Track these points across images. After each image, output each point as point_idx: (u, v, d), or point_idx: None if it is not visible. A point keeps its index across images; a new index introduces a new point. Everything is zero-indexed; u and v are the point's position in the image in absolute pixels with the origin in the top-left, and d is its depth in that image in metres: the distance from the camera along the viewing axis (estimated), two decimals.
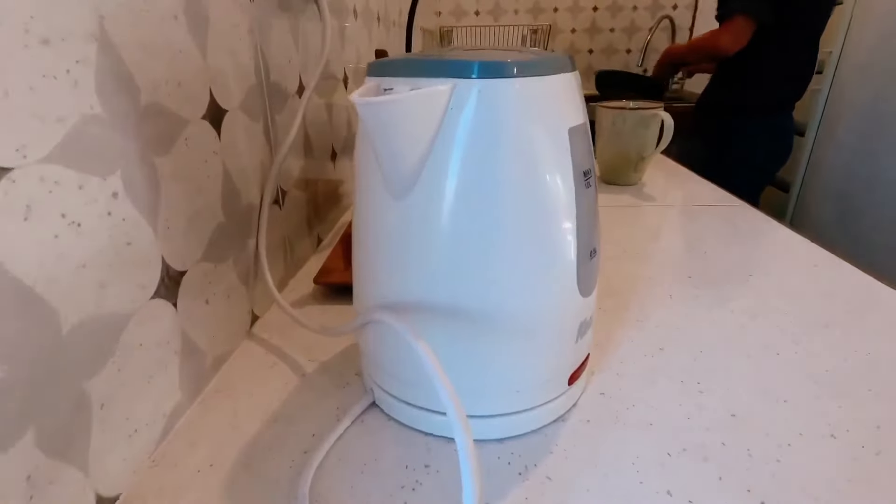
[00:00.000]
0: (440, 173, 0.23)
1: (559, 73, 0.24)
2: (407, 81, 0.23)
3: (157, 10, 0.26)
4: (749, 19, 1.15)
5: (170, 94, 0.28)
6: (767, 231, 0.56)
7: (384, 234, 0.25)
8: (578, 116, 0.25)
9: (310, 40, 0.50)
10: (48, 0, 0.20)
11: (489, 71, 0.22)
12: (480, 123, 0.22)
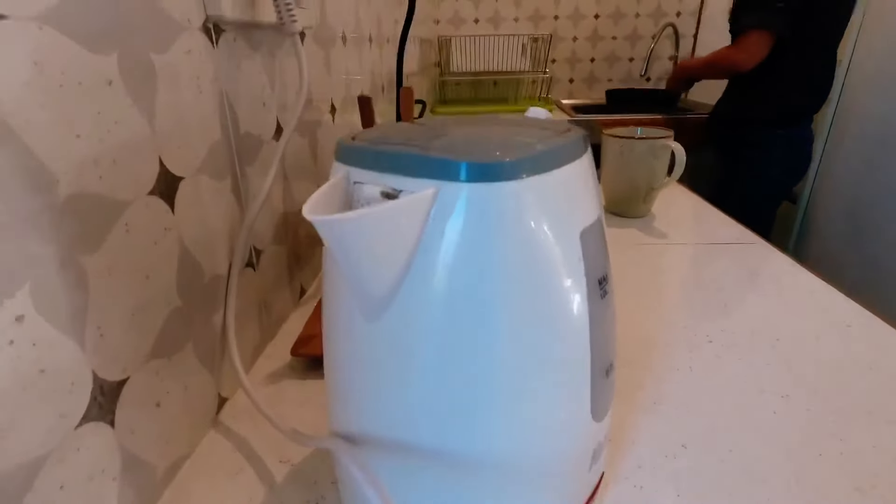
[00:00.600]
0: (420, 293, 0.18)
1: (570, 162, 0.19)
2: (380, 178, 0.19)
3: (79, 79, 0.22)
4: (765, 34, 1.12)
5: (102, 177, 0.23)
6: (790, 276, 0.52)
7: (355, 358, 0.21)
8: (592, 211, 0.20)
9: (289, 77, 0.45)
10: None
11: (480, 172, 0.17)
12: (470, 235, 0.18)
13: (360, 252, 0.17)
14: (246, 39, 0.37)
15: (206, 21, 0.32)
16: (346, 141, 0.20)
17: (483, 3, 2.01)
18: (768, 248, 0.59)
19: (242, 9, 0.34)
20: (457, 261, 0.18)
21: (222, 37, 0.34)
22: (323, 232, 0.17)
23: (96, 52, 0.23)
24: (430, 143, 0.19)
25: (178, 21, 0.29)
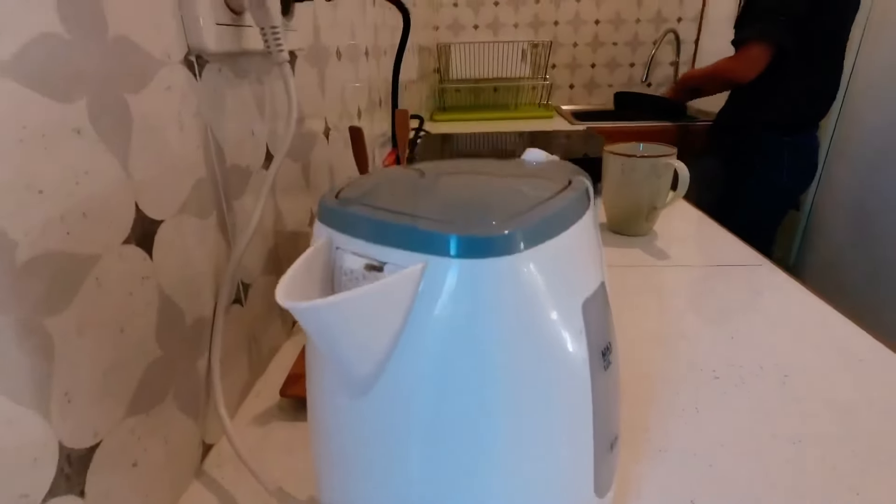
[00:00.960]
0: (408, 371, 0.17)
1: (571, 225, 0.18)
2: (364, 246, 0.17)
3: (42, 131, 0.20)
4: (765, 46, 1.11)
5: (69, 233, 0.22)
6: (798, 304, 0.50)
7: (340, 434, 0.19)
8: (595, 276, 0.19)
9: (279, 102, 0.44)
10: None
11: (472, 247, 0.16)
12: (462, 313, 0.16)
13: (342, 336, 0.15)
14: (232, 69, 0.36)
15: (187, 54, 0.30)
16: (328, 201, 0.19)
17: (482, 9, 2.00)
18: (775, 271, 0.57)
19: (228, 39, 0.33)
20: (447, 339, 0.16)
21: (206, 68, 0.32)
22: (300, 318, 0.15)
23: (62, 100, 0.21)
24: (418, 206, 0.18)
25: (156, 57, 0.27)
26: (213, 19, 0.31)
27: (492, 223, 0.16)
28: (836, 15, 1.16)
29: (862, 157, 1.60)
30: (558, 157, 0.28)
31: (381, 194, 0.19)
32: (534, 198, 0.18)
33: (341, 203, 0.18)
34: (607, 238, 0.68)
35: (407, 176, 0.21)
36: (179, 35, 0.29)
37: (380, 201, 0.18)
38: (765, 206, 1.32)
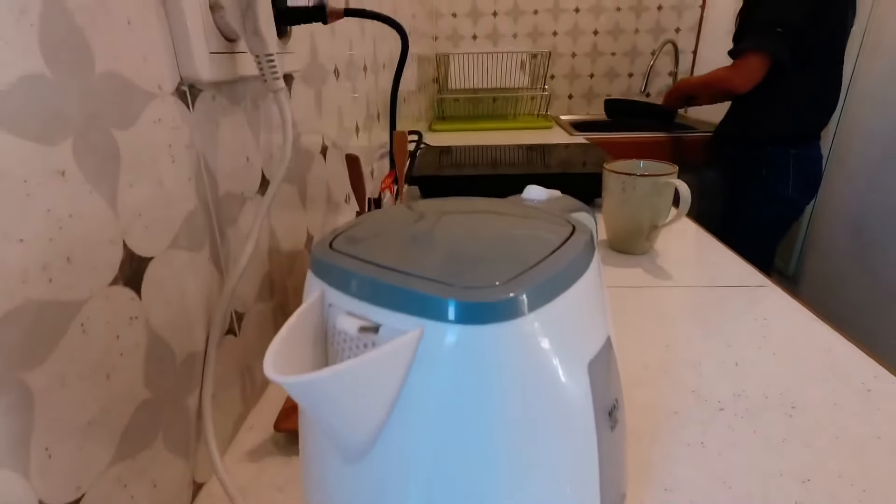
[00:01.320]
0: (405, 438, 0.16)
1: (575, 281, 0.17)
2: (358, 305, 0.16)
3: (23, 176, 0.19)
4: (763, 57, 1.11)
5: (52, 280, 0.21)
6: (803, 329, 0.49)
7: (334, 498, 0.18)
8: (601, 333, 0.18)
9: (275, 125, 0.43)
10: None
11: (471, 313, 0.15)
12: (461, 379, 0.15)
13: (334, 407, 0.14)
14: (227, 95, 0.35)
15: (180, 84, 0.30)
16: (321, 253, 0.18)
17: (481, 20, 2.01)
18: (778, 293, 0.56)
19: (222, 67, 0.32)
20: (445, 406, 0.15)
21: (199, 97, 0.31)
22: (289, 392, 0.14)
23: (46, 143, 0.20)
24: (415, 260, 0.17)
25: (146, 90, 0.27)
26: (207, 48, 0.30)
27: (493, 284, 0.15)
28: (834, 26, 1.17)
29: (861, 166, 1.60)
30: (559, 192, 0.27)
31: (377, 245, 0.18)
32: (536, 251, 0.17)
33: (334, 256, 0.18)
34: (608, 256, 0.68)
35: (404, 220, 0.20)
36: (171, 65, 0.29)
37: (375, 253, 0.17)
38: (770, 218, 1.32)
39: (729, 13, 1.92)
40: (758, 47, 1.11)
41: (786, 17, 1.10)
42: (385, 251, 0.18)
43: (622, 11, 1.97)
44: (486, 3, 1.98)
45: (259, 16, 0.31)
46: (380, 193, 0.46)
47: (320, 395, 0.14)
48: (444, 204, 0.23)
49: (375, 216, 0.21)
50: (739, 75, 1.15)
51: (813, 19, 1.11)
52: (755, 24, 1.14)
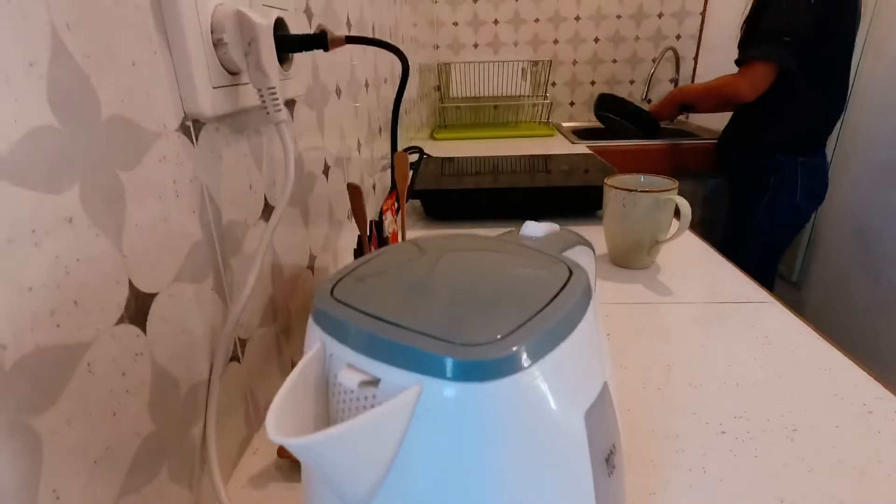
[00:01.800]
0: (404, 490, 0.16)
1: (574, 328, 0.17)
2: (358, 358, 0.17)
3: (32, 226, 0.20)
4: (770, 66, 1.12)
5: (59, 325, 0.21)
6: (805, 347, 0.49)
7: None
8: (597, 379, 0.18)
9: (277, 150, 0.43)
10: None
11: (469, 371, 0.15)
12: (459, 434, 0.15)
13: (335, 464, 0.15)
14: (230, 126, 0.35)
15: (184, 120, 0.30)
16: (323, 302, 0.18)
17: (482, 28, 2.02)
18: (780, 309, 0.56)
19: (225, 100, 0.33)
20: (445, 457, 0.16)
21: (202, 131, 0.32)
22: (292, 451, 0.14)
23: (54, 191, 0.21)
24: (413, 311, 0.17)
25: (151, 130, 0.27)
26: (210, 83, 0.31)
27: (490, 340, 0.16)
28: (841, 35, 1.17)
29: (865, 171, 1.59)
30: (557, 227, 0.27)
31: (377, 293, 0.18)
32: (533, 300, 0.18)
33: (335, 306, 0.18)
34: (609, 270, 0.68)
35: (403, 265, 0.21)
36: (175, 103, 0.29)
37: (374, 304, 0.18)
38: (778, 226, 1.32)
39: (729, 21, 1.93)
40: (765, 55, 1.12)
41: (793, 25, 1.10)
42: (384, 301, 0.18)
43: (622, 19, 1.98)
44: (487, 12, 1.99)
45: (262, 51, 0.31)
46: (381, 215, 0.46)
47: (322, 454, 0.14)
48: (444, 243, 0.23)
49: (376, 259, 0.22)
50: (746, 83, 1.15)
51: (820, 28, 1.12)
52: (762, 32, 1.14)
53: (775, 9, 1.12)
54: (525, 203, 0.88)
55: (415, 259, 0.21)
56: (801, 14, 1.09)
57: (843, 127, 1.64)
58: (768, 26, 1.12)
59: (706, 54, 2.03)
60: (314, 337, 0.18)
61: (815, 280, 1.82)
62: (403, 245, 0.23)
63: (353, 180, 0.70)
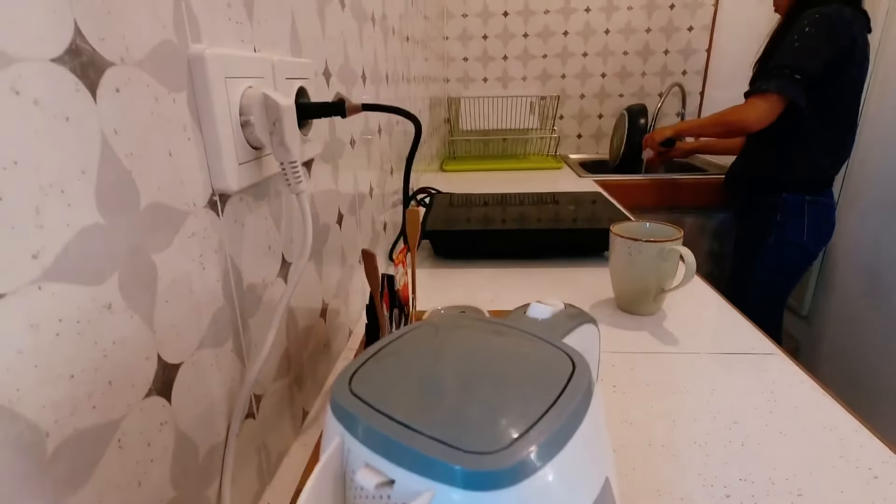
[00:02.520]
0: None
1: (579, 426, 0.19)
2: (373, 457, 0.18)
3: (76, 318, 0.22)
4: (779, 98, 1.15)
5: (95, 406, 0.23)
6: (810, 404, 0.50)
7: None
8: (600, 474, 0.19)
9: (294, 209, 0.45)
10: None
11: (480, 481, 0.16)
12: None
13: None
14: (252, 194, 0.38)
15: (211, 196, 0.32)
16: (341, 396, 0.20)
17: (492, 63, 2.07)
18: (786, 363, 0.57)
19: (249, 173, 0.35)
20: None
21: (228, 203, 0.34)
22: None
23: (95, 283, 0.23)
24: (424, 414, 0.18)
25: (182, 210, 0.29)
26: (237, 160, 0.33)
27: (498, 447, 0.17)
28: (852, 77, 1.19)
29: (872, 209, 1.59)
30: (562, 305, 0.28)
31: (391, 389, 0.20)
32: (538, 401, 0.19)
33: (353, 402, 0.19)
34: (616, 317, 0.69)
35: (416, 356, 0.22)
36: (205, 182, 0.31)
37: (389, 402, 0.19)
38: (785, 264, 1.33)
39: (734, 57, 1.96)
40: (777, 89, 1.14)
41: (803, 65, 1.13)
42: (399, 399, 0.19)
43: (629, 56, 2.03)
44: (496, 49, 2.05)
45: (285, 130, 0.34)
46: (395, 268, 0.48)
47: None
48: (456, 329, 0.24)
49: (391, 347, 0.23)
50: (752, 112, 1.18)
51: (832, 71, 1.15)
52: (773, 67, 1.17)
53: (789, 48, 1.15)
54: (533, 244, 0.89)
55: (428, 350, 0.23)
56: (815, 56, 1.13)
57: (850, 166, 1.65)
58: (781, 63, 1.15)
59: (712, 89, 2.06)
60: (333, 430, 0.19)
61: (825, 314, 1.81)
62: (418, 331, 0.24)
63: (365, 223, 0.72)
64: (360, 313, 0.70)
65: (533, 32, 2.03)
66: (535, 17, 2.01)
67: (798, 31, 1.15)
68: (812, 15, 1.14)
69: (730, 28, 1.98)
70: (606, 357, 0.59)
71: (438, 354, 0.22)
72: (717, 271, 1.75)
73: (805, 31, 1.13)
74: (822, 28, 1.12)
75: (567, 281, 0.80)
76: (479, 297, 0.76)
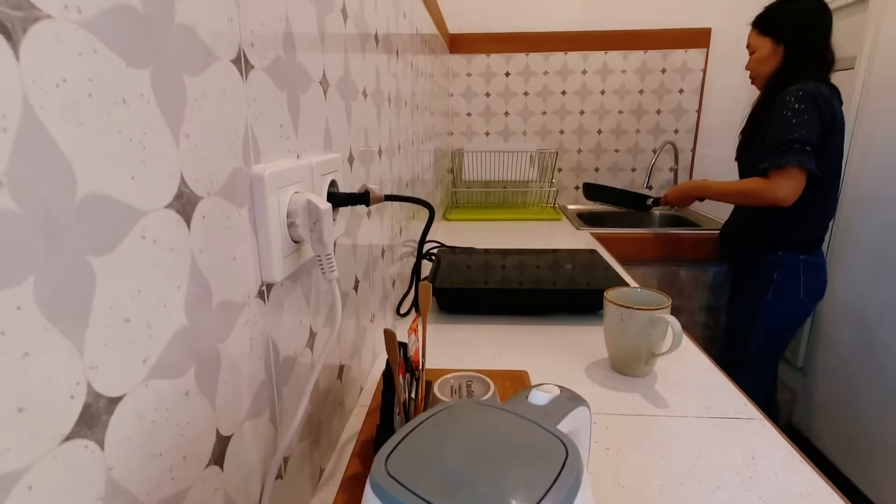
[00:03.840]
0: None
1: None
2: None
3: (164, 405, 0.27)
4: (803, 172, 1.24)
5: (173, 478, 0.27)
6: (788, 470, 0.54)
7: None
8: None
9: (322, 285, 0.51)
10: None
11: None
12: None
13: None
14: (290, 280, 0.43)
15: (260, 287, 0.38)
16: (379, 476, 0.25)
17: (494, 119, 2.19)
18: (767, 428, 0.61)
19: (290, 264, 0.41)
20: None
21: (272, 291, 0.40)
22: None
23: (180, 375, 0.28)
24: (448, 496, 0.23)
25: (239, 303, 0.35)
26: (282, 255, 0.39)
27: None
28: (835, 145, 1.29)
29: (862, 268, 1.66)
30: (558, 391, 0.34)
31: (420, 473, 0.25)
32: (538, 486, 0.24)
33: (389, 482, 0.24)
34: (610, 378, 0.73)
35: (439, 441, 0.27)
36: (256, 276, 0.37)
37: (418, 483, 0.24)
38: (783, 321, 1.38)
39: (723, 118, 2.08)
40: (795, 162, 1.23)
41: (807, 137, 1.22)
42: (425, 480, 0.24)
43: (624, 115, 2.14)
44: (498, 105, 2.17)
45: (324, 229, 0.40)
46: (408, 336, 0.53)
47: None
48: (469, 418, 0.30)
49: (416, 435, 0.28)
50: (787, 189, 1.25)
51: (825, 135, 1.25)
52: (780, 143, 1.24)
53: (787, 123, 1.24)
54: (532, 302, 0.94)
55: (447, 436, 0.28)
56: (812, 128, 1.22)
57: (836, 223, 1.73)
58: (786, 137, 1.23)
59: (703, 146, 2.17)
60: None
61: (820, 367, 1.84)
62: (439, 417, 0.29)
63: (377, 284, 0.78)
64: (369, 369, 0.75)
65: (533, 91, 2.15)
66: (535, 77, 2.14)
67: (787, 107, 1.24)
68: (795, 92, 1.24)
69: (718, 91, 2.11)
70: (602, 419, 0.64)
71: (456, 441, 0.27)
72: (713, 322, 1.80)
73: (795, 107, 1.23)
74: (809, 103, 1.22)
75: (564, 341, 0.85)
76: (482, 355, 0.81)
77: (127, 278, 0.23)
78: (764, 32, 1.36)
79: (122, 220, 0.23)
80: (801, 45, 1.31)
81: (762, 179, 1.30)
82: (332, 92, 0.53)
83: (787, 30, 1.32)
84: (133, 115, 0.24)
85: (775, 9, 1.35)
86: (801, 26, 1.31)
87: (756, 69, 1.39)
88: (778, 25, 1.33)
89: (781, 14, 1.34)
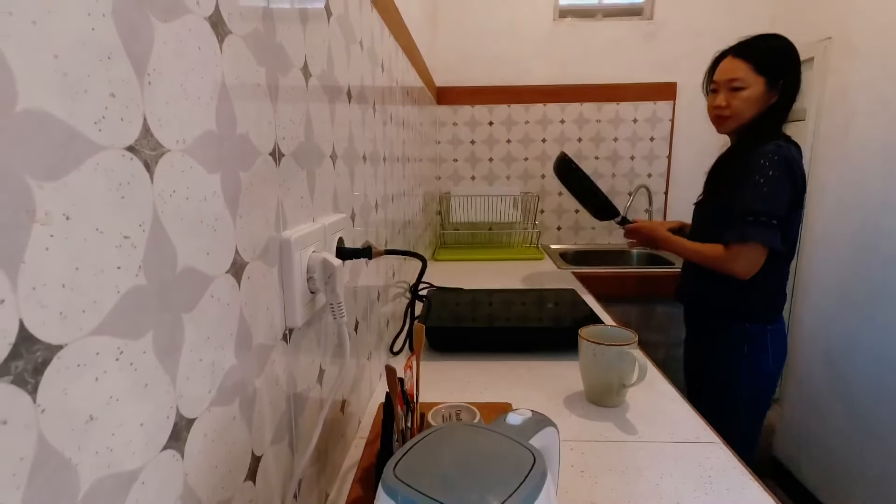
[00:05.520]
0: None
1: (538, 495, 0.31)
2: None
3: (208, 433, 0.34)
4: (764, 249, 1.16)
5: (223, 488, 0.34)
6: (739, 487, 0.61)
7: None
8: None
9: (329, 325, 0.59)
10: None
11: None
12: None
13: None
14: (306, 324, 0.51)
15: (284, 331, 0.46)
16: (390, 480, 0.32)
17: (479, 164, 2.32)
18: (723, 450, 0.69)
19: (308, 311, 0.49)
20: None
21: (293, 334, 0.47)
22: None
23: (230, 403, 0.35)
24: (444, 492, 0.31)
25: (269, 345, 0.42)
26: (303, 304, 0.47)
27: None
28: (799, 216, 1.23)
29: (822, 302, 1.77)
30: (530, 413, 0.41)
31: (422, 476, 0.32)
32: (514, 480, 0.31)
33: (397, 483, 0.32)
34: (585, 408, 0.81)
35: (435, 453, 0.35)
36: (282, 322, 0.45)
37: (421, 483, 0.32)
38: (760, 392, 1.30)
39: (691, 164, 2.23)
40: (760, 240, 1.15)
41: (775, 210, 1.15)
42: (425, 481, 0.32)
43: (600, 160, 2.29)
44: (483, 151, 2.31)
45: (337, 282, 0.48)
46: (403, 372, 0.61)
47: None
48: (459, 435, 0.37)
49: (416, 450, 0.36)
50: (745, 264, 1.18)
51: (791, 208, 1.18)
52: (746, 213, 1.15)
53: (757, 191, 1.15)
54: (515, 340, 1.02)
55: (441, 449, 0.35)
56: (782, 199, 1.16)
57: (798, 263, 1.85)
58: (755, 208, 1.15)
59: (675, 189, 2.32)
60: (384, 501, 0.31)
61: (793, 399, 1.93)
62: (435, 435, 0.37)
63: (373, 324, 0.85)
64: (366, 403, 0.81)
65: (515, 139, 2.30)
66: (517, 126, 2.29)
67: (761, 172, 1.14)
68: (769, 156, 1.14)
69: (685, 139, 2.27)
70: (579, 445, 0.71)
71: (448, 453, 0.35)
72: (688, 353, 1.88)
73: (769, 174, 1.14)
74: (782, 170, 1.15)
75: (545, 376, 0.93)
76: (470, 389, 0.88)
77: (203, 328, 0.31)
78: (760, 70, 1.17)
79: (201, 284, 0.31)
80: (793, 94, 1.19)
81: (723, 249, 1.20)
82: (339, 162, 0.62)
83: (787, 74, 1.17)
84: (209, 208, 0.32)
85: (776, 48, 1.19)
86: (797, 73, 1.18)
87: (741, 109, 1.20)
88: (778, 66, 1.17)
89: (782, 55, 1.18)
